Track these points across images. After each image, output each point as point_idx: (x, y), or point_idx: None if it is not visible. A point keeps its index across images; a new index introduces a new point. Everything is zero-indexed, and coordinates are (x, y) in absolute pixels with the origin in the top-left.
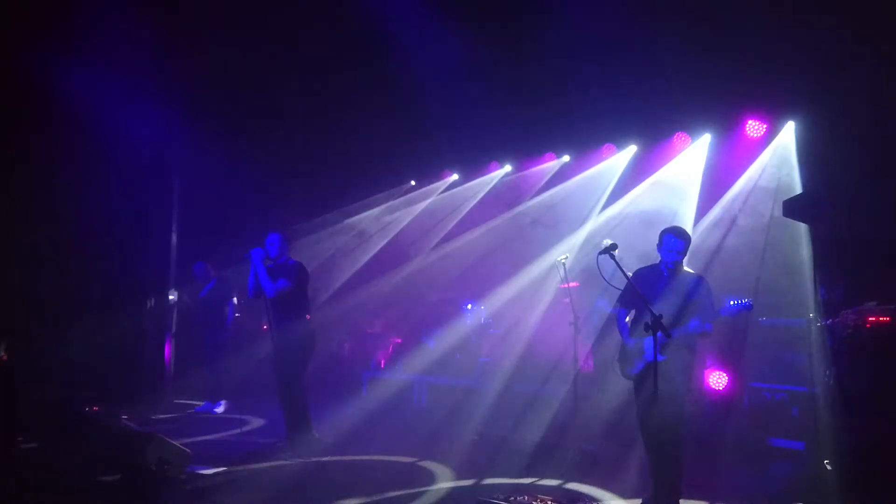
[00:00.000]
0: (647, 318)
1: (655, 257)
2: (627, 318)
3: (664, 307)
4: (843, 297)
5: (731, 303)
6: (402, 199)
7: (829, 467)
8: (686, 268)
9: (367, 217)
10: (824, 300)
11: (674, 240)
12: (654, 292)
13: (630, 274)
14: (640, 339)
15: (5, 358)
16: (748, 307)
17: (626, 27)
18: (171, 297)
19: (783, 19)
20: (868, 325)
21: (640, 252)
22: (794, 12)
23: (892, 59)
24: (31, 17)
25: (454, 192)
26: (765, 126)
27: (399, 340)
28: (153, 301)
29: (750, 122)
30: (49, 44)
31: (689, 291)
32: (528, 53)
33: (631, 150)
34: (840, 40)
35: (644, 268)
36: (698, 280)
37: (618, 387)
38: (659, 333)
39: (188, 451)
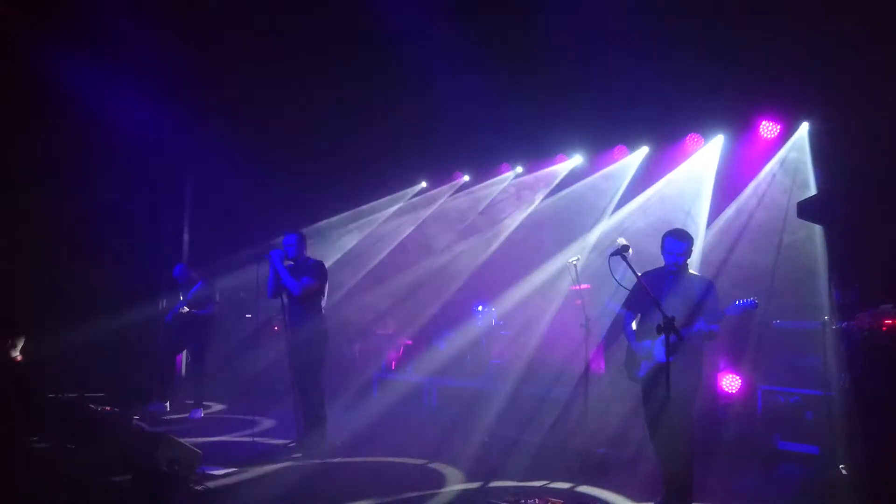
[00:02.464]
0: (658, 321)
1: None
2: (633, 322)
3: (670, 310)
4: (858, 299)
5: (737, 302)
6: (413, 200)
7: (844, 472)
8: (693, 271)
9: (378, 218)
10: (839, 303)
11: (674, 242)
12: (660, 295)
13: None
14: (647, 342)
15: (20, 359)
16: (753, 305)
17: (638, 28)
18: (181, 297)
19: (796, 19)
20: (884, 328)
21: (650, 254)
22: (807, 12)
23: None
24: (45, 18)
25: (465, 193)
26: (779, 127)
27: (409, 342)
28: (165, 301)
29: (764, 122)
30: (64, 44)
31: (697, 295)
32: (541, 54)
33: (643, 151)
34: (855, 39)
35: (650, 271)
36: (707, 284)
37: (629, 389)
38: (671, 335)
39: (199, 451)
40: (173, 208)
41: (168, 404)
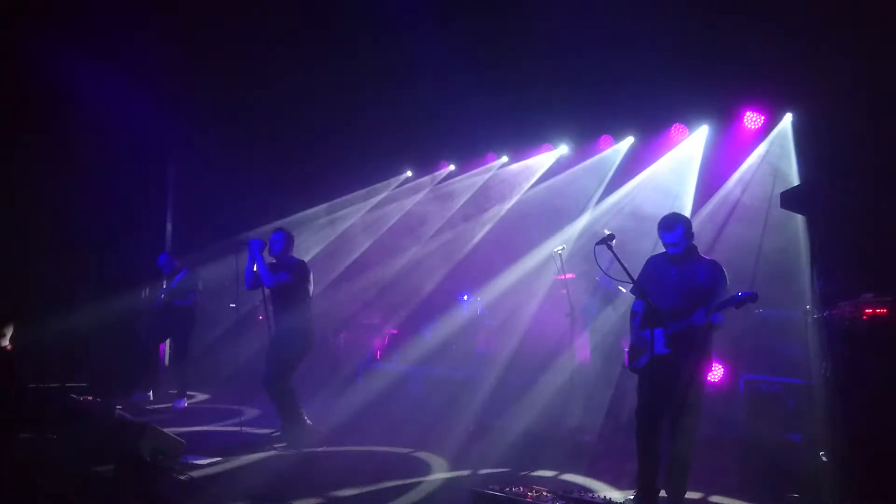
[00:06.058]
0: (661, 307)
1: (650, 249)
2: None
3: (673, 297)
4: (839, 288)
5: (739, 294)
6: (398, 189)
7: (824, 459)
8: (701, 254)
9: (363, 207)
10: (821, 292)
11: (664, 234)
12: (663, 281)
13: (626, 265)
14: (647, 332)
15: (10, 348)
16: (754, 297)
17: (623, 18)
18: (164, 286)
19: (780, 10)
20: (865, 318)
21: (635, 243)
22: (792, 3)
23: (890, 51)
24: (25, 8)
25: (450, 182)
26: (763, 117)
27: (395, 331)
28: (148, 290)
29: (748, 113)
30: (44, 34)
31: (699, 279)
32: (526, 43)
33: (628, 141)
34: (838, 31)
35: (656, 256)
36: (709, 267)
37: (614, 378)
38: (659, 328)
39: (182, 441)
40: (155, 197)
41: (151, 394)
